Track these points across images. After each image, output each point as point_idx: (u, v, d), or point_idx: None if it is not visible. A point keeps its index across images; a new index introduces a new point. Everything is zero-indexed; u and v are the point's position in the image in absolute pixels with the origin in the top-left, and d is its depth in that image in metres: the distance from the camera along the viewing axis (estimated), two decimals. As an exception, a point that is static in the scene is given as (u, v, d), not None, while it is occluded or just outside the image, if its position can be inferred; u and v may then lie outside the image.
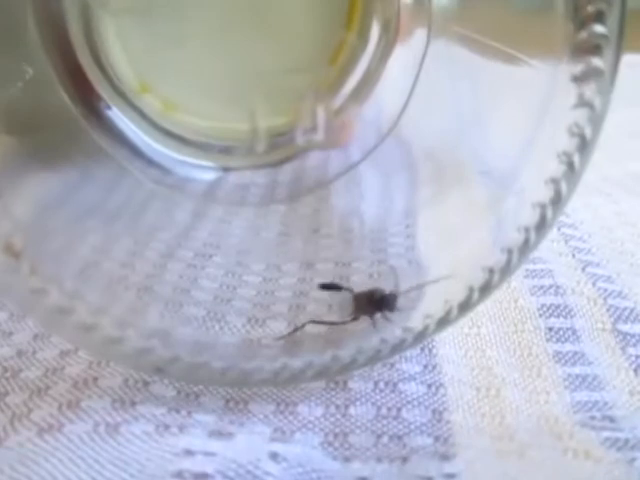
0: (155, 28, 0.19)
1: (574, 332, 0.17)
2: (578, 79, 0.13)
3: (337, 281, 0.19)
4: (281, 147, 0.21)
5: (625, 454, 0.13)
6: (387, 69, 0.21)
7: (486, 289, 0.15)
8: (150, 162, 0.20)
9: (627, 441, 0.13)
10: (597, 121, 0.13)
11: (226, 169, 0.22)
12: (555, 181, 0.14)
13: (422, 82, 0.19)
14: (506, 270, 0.14)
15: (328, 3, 0.20)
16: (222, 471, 0.12)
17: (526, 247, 0.14)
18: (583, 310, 0.18)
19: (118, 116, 0.19)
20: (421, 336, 0.15)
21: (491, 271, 0.14)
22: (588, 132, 0.13)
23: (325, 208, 0.22)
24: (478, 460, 0.13)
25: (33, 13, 0.16)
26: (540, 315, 0.18)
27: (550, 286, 0.19)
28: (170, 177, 0.21)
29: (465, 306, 0.15)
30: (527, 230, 0.14)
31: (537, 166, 0.14)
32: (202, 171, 0.21)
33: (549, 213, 0.14)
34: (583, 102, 0.13)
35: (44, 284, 0.13)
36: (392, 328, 0.16)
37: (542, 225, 0.14)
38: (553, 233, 0.22)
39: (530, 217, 0.14)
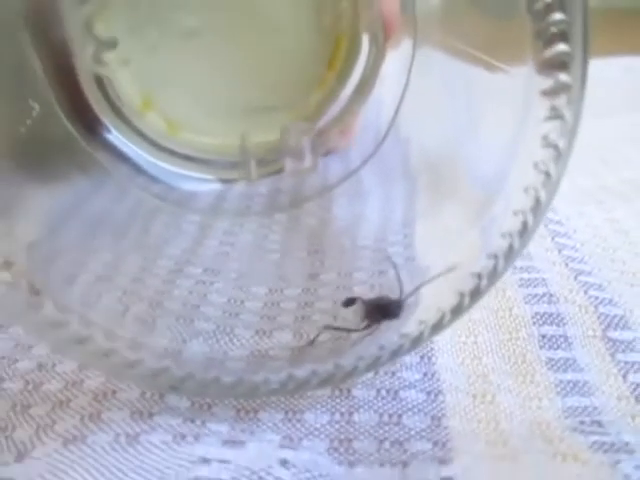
0: (158, 48, 0.20)
1: (566, 339, 0.18)
2: (548, 93, 0.14)
3: (340, 291, 0.20)
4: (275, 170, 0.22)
5: (610, 457, 0.14)
6: (380, 77, 0.21)
7: (476, 294, 0.15)
8: (153, 179, 0.20)
9: (613, 444, 0.14)
10: (569, 132, 0.14)
11: (229, 181, 0.22)
12: (534, 189, 0.14)
13: (412, 90, 0.20)
14: (493, 275, 0.15)
15: (315, 43, 0.21)
16: (237, 478, 0.13)
17: (510, 253, 0.15)
18: (575, 318, 0.19)
19: (119, 138, 0.20)
20: (417, 341, 0.16)
21: (479, 277, 0.15)
22: (561, 143, 0.14)
23: (327, 218, 0.23)
24: (474, 464, 0.14)
25: (33, 44, 0.17)
26: (534, 323, 0.19)
27: (544, 294, 0.20)
28: (174, 193, 0.21)
29: (457, 311, 0.16)
30: (511, 236, 0.15)
31: (518, 174, 0.15)
32: (206, 184, 0.22)
33: (530, 220, 0.15)
34: (554, 115, 0.14)
35: (63, 315, 0.14)
36: (391, 334, 0.16)
37: (524, 231, 0.15)
38: (547, 242, 0.23)
39: (512, 224, 0.15)
